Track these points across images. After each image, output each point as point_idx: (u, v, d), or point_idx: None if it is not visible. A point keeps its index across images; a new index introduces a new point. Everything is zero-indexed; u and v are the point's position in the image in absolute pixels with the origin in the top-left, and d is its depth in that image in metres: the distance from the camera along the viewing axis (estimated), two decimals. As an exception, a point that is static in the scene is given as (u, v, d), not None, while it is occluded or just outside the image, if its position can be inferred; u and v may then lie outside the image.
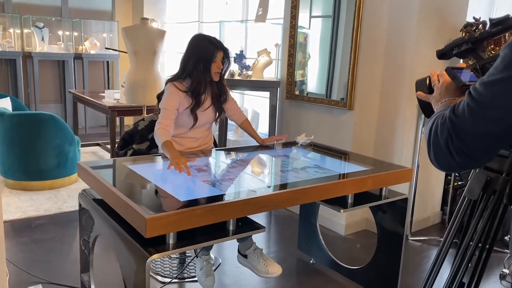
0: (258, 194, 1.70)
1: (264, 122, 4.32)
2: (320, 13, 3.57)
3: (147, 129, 2.49)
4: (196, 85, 2.27)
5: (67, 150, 3.91)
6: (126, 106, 4.17)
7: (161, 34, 4.07)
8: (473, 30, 2.88)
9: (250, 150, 2.58)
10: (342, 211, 2.01)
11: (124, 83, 4.16)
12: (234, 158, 2.45)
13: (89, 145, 5.46)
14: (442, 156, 0.86)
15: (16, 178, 3.86)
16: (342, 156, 2.59)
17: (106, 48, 6.23)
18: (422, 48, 3.04)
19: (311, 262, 2.86)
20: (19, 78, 5.95)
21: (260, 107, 4.65)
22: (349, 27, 3.14)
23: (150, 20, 4.27)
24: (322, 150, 2.60)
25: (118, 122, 5.85)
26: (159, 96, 2.38)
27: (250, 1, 4.96)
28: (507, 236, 3.09)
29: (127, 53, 4.07)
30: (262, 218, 3.55)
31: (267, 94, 3.83)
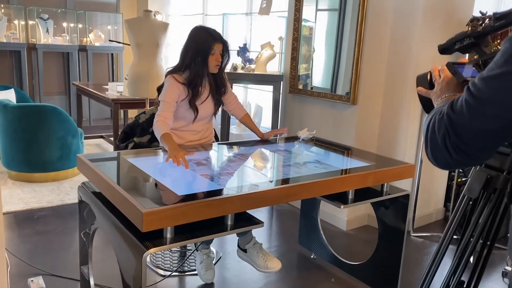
0: (256, 189, 1.69)
1: (267, 116, 4.30)
2: (326, 6, 3.52)
3: (148, 122, 2.48)
4: (193, 76, 2.25)
5: (70, 142, 3.91)
6: (129, 98, 4.16)
7: (164, 26, 4.05)
8: (479, 24, 2.83)
9: (250, 144, 2.56)
10: (342, 207, 1.99)
11: (127, 76, 4.15)
12: (234, 152, 2.44)
13: (93, 137, 5.47)
14: (439, 153, 0.84)
15: (19, 170, 3.88)
16: (344, 151, 2.56)
17: (110, 40, 6.22)
18: (427, 42, 3.00)
19: (312, 257, 2.85)
20: (24, 70, 5.96)
21: (263, 101, 4.63)
22: (354, 21, 3.10)
23: (154, 12, 4.25)
24: (324, 145, 2.58)
25: (122, 115, 5.86)
26: (159, 88, 2.37)
27: (255, -7, 4.92)
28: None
29: (130, 45, 4.06)
30: (264, 213, 3.54)
31: (270, 88, 3.81)
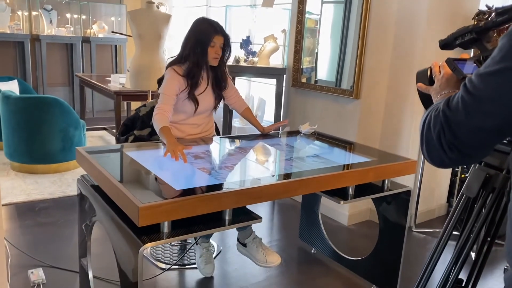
0: (253, 184, 1.67)
1: (270, 110, 4.27)
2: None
3: (149, 115, 2.46)
4: (192, 67, 2.23)
5: (72, 134, 3.92)
6: (131, 90, 4.16)
7: (166, 18, 4.02)
8: (485, 18, 2.78)
9: (250, 138, 2.55)
10: (342, 203, 1.97)
11: (129, 68, 4.14)
12: (234, 146, 2.42)
13: (96, 129, 5.48)
14: (434, 151, 0.81)
15: (21, 161, 3.89)
16: (345, 146, 2.54)
17: (113, 32, 6.20)
18: (432, 36, 2.95)
19: (312, 251, 2.84)
20: (27, 61, 5.96)
21: (266, 94, 4.60)
22: (358, 14, 3.06)
23: (157, 4, 4.22)
24: (326, 140, 2.56)
25: (125, 107, 5.85)
26: (160, 81, 2.35)
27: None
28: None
29: (132, 37, 4.04)
30: (265, 206, 3.54)
31: (274, 81, 3.78)
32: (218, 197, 1.54)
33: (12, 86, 4.60)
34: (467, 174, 3.73)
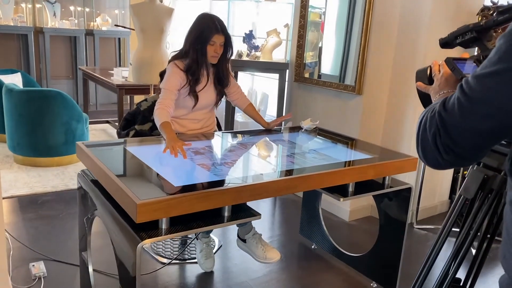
0: (253, 181, 1.67)
1: (273, 105, 4.26)
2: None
3: (150, 109, 2.46)
4: (192, 63, 2.22)
5: (75, 127, 3.93)
6: (134, 84, 4.15)
7: (169, 12, 4.01)
8: (490, 14, 2.75)
9: (251, 134, 2.54)
10: (342, 200, 1.97)
11: (131, 61, 4.13)
12: (234, 142, 2.42)
13: (99, 122, 5.49)
14: (430, 152, 0.80)
15: (24, 154, 3.91)
16: (346, 142, 2.53)
17: (116, 25, 6.19)
18: (436, 32, 2.91)
19: (313, 247, 2.84)
20: (31, 54, 5.97)
21: (269, 89, 4.58)
22: (362, 9, 3.03)
23: (160, -3, 4.20)
24: (327, 136, 2.55)
25: (128, 100, 5.85)
26: (162, 74, 2.35)
27: (263, -21, 4.83)
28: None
29: (135, 30, 4.03)
30: (266, 202, 3.53)
31: (277, 76, 3.76)
32: (217, 194, 1.54)
33: (15, 79, 4.61)
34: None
